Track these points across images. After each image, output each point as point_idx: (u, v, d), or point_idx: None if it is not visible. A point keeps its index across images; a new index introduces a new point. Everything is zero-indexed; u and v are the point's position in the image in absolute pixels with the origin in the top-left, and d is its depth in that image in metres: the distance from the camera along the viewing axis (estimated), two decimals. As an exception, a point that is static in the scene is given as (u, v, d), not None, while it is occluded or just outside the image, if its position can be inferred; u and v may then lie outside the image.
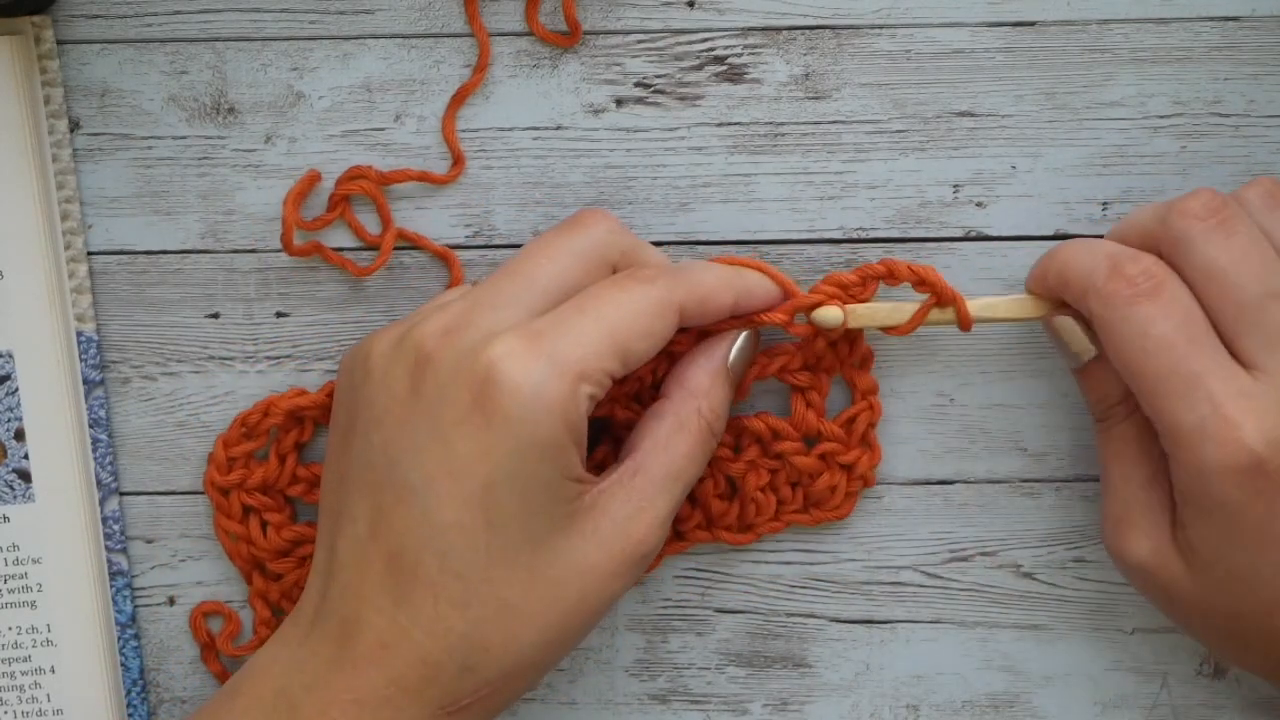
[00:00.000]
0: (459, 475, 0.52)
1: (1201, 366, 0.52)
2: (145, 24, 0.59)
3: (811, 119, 0.59)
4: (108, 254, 0.60)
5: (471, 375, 0.51)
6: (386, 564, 0.52)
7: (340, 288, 0.60)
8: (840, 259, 0.60)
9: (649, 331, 0.53)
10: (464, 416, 0.51)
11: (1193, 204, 0.54)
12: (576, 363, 0.52)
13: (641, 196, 0.60)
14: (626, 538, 0.54)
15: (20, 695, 0.60)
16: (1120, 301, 0.53)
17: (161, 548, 0.61)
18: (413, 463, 0.52)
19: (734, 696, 0.62)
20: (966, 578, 0.61)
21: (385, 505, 0.53)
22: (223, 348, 0.60)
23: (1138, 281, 0.53)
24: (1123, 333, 0.53)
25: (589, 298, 0.53)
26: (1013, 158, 0.59)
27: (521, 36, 0.59)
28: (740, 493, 0.60)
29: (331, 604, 0.53)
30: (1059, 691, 0.61)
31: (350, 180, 0.59)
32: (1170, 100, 0.59)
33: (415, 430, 0.52)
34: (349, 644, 0.52)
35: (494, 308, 0.53)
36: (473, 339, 0.52)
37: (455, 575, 0.52)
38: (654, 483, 0.55)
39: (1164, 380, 0.52)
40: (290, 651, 0.54)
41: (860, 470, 0.59)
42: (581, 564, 0.53)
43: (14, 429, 0.59)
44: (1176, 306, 0.53)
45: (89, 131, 0.59)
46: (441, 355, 0.52)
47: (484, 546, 0.52)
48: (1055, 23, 0.59)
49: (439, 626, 0.52)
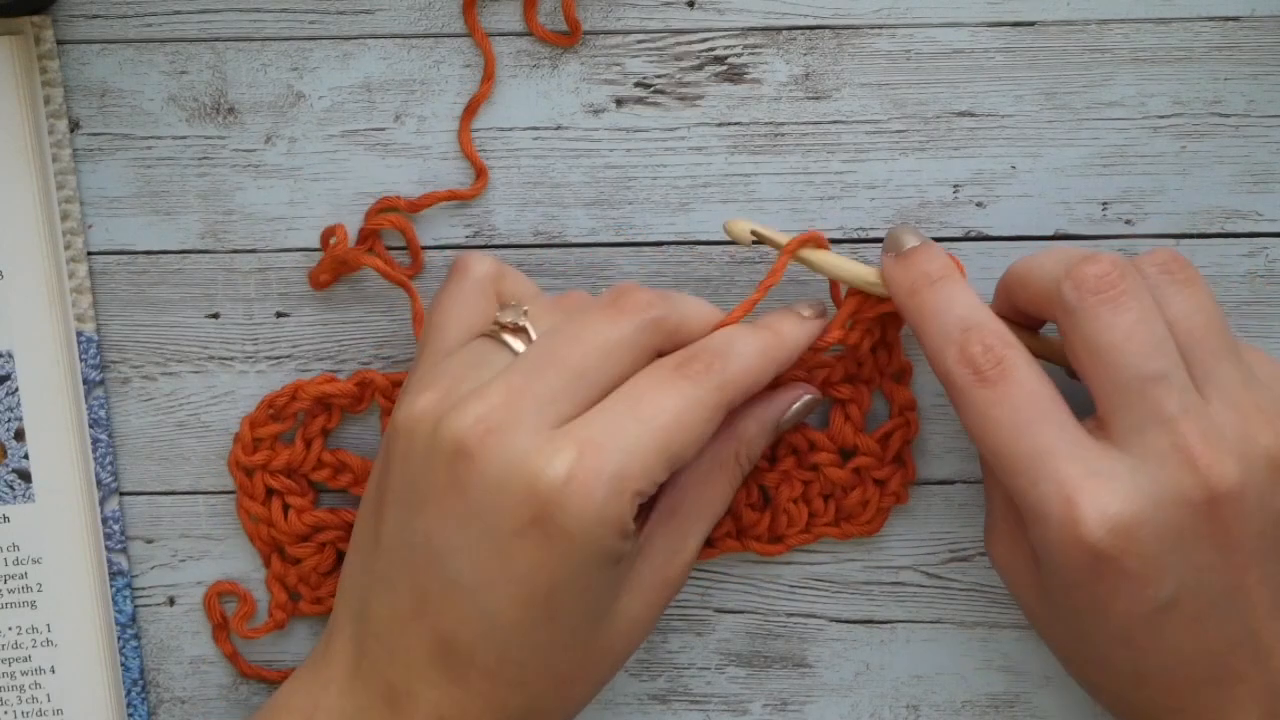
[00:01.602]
0: (520, 582, 0.51)
1: (1048, 445, 0.51)
2: (145, 24, 0.59)
3: (811, 119, 0.59)
4: (108, 254, 0.60)
5: (528, 488, 0.51)
6: (435, 644, 0.52)
7: (340, 288, 0.60)
8: (840, 259, 0.60)
9: (700, 437, 0.53)
10: (523, 530, 0.51)
11: (1088, 274, 0.52)
12: (636, 480, 0.51)
13: (641, 196, 0.60)
14: (665, 583, 0.56)
15: (20, 695, 0.60)
16: (966, 385, 0.52)
17: (161, 548, 0.61)
18: (463, 562, 0.52)
19: (734, 696, 0.62)
20: (966, 578, 0.61)
21: (431, 592, 0.52)
22: (223, 348, 0.60)
23: (983, 368, 0.52)
24: (969, 416, 0.53)
25: (642, 402, 0.52)
26: (1013, 158, 0.59)
27: (521, 36, 0.59)
28: (773, 503, 0.60)
29: (374, 665, 0.53)
30: (1059, 691, 0.61)
31: (379, 214, 0.59)
32: (1170, 100, 0.59)
33: (463, 531, 0.52)
34: (402, 710, 0.53)
35: (539, 404, 0.52)
36: (523, 444, 0.51)
37: (515, 664, 0.52)
38: (690, 521, 0.56)
39: (1007, 459, 0.52)
40: (334, 701, 0.54)
41: (893, 487, 0.60)
42: (629, 622, 0.55)
43: (14, 429, 0.59)
44: (1019, 389, 0.52)
45: (89, 131, 0.59)
46: (488, 457, 0.51)
47: (545, 641, 0.52)
48: (1055, 23, 0.59)
49: (497, 704, 0.53)
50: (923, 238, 0.55)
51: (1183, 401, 0.51)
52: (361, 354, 0.60)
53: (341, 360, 0.60)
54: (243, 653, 0.61)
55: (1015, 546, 0.55)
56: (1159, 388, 0.51)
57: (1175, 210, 0.59)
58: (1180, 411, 0.51)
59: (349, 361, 0.60)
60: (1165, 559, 0.51)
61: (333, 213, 0.59)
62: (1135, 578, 0.51)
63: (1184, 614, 0.52)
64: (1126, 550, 0.50)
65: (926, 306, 0.54)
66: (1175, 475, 0.51)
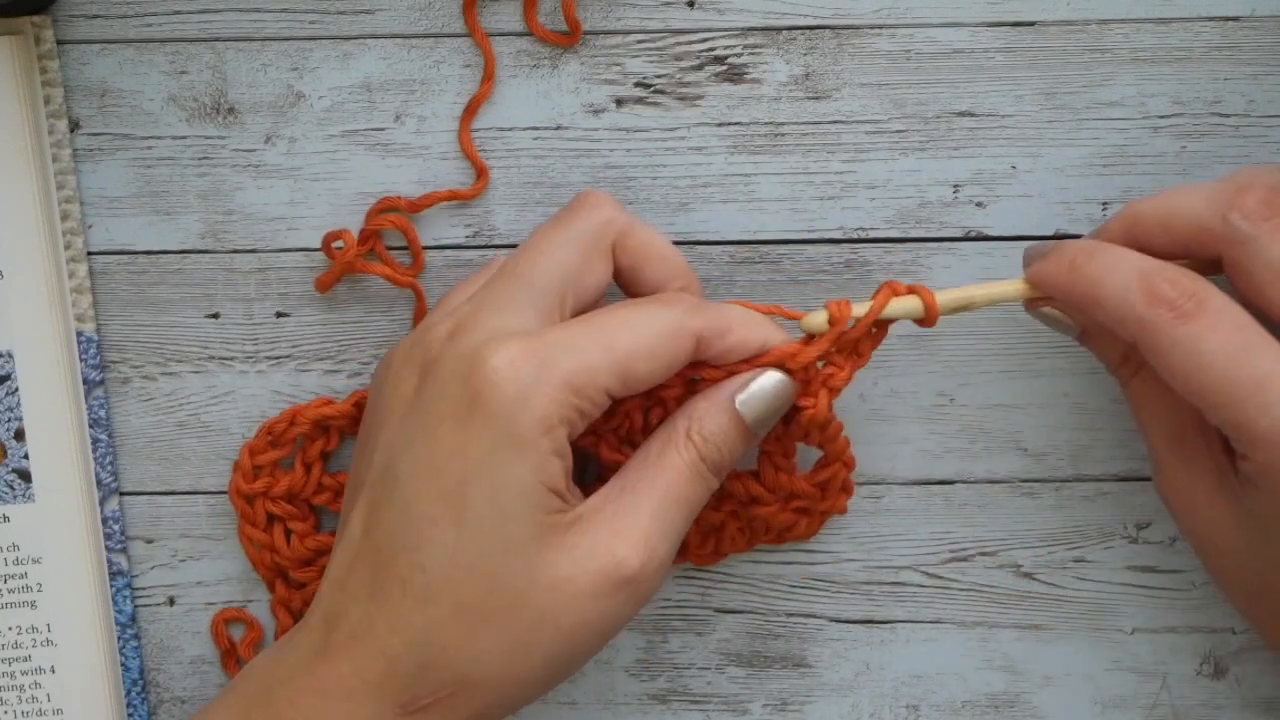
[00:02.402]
0: (438, 470, 0.51)
1: (1269, 367, 0.51)
2: (145, 24, 0.59)
3: (811, 119, 0.59)
4: (108, 254, 0.60)
5: (466, 375, 0.51)
6: (371, 559, 0.52)
7: (340, 288, 0.60)
8: (840, 259, 0.60)
9: (655, 352, 0.52)
10: (453, 413, 0.51)
11: (1249, 202, 0.52)
12: (569, 373, 0.51)
13: (641, 196, 0.60)
14: (607, 556, 0.52)
15: (20, 695, 0.60)
16: (1164, 325, 0.52)
17: (161, 548, 0.61)
18: (402, 458, 0.52)
19: (734, 696, 0.62)
20: (966, 578, 0.61)
21: (377, 501, 0.53)
22: (223, 348, 0.60)
23: (1179, 303, 0.52)
24: (1173, 355, 0.52)
25: (600, 314, 0.53)
26: (1013, 158, 0.59)
27: (521, 36, 0.59)
28: (718, 535, 0.60)
29: (321, 601, 0.54)
30: (1059, 691, 0.61)
31: (380, 214, 0.59)
32: (1170, 100, 0.59)
33: (410, 427, 0.52)
34: (327, 637, 0.53)
35: (495, 309, 0.53)
36: (474, 341, 0.52)
37: (420, 569, 0.51)
38: (637, 502, 0.53)
39: (1228, 389, 0.51)
40: (279, 648, 0.54)
41: (836, 509, 0.60)
42: (552, 578, 0.51)
43: (14, 429, 0.59)
44: (1224, 318, 0.52)
45: (89, 131, 0.59)
46: (444, 357, 0.52)
47: (451, 544, 0.51)
48: (1055, 23, 0.59)
49: (401, 620, 0.52)
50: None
51: None
52: (361, 354, 0.60)
53: (341, 360, 0.60)
54: (243, 655, 0.61)
55: (1199, 482, 0.55)
56: None
57: (1175, 210, 0.60)
58: None
59: (349, 361, 0.60)
60: None
61: (333, 212, 0.60)
62: None
63: None
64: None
65: (1094, 271, 0.53)
66: None
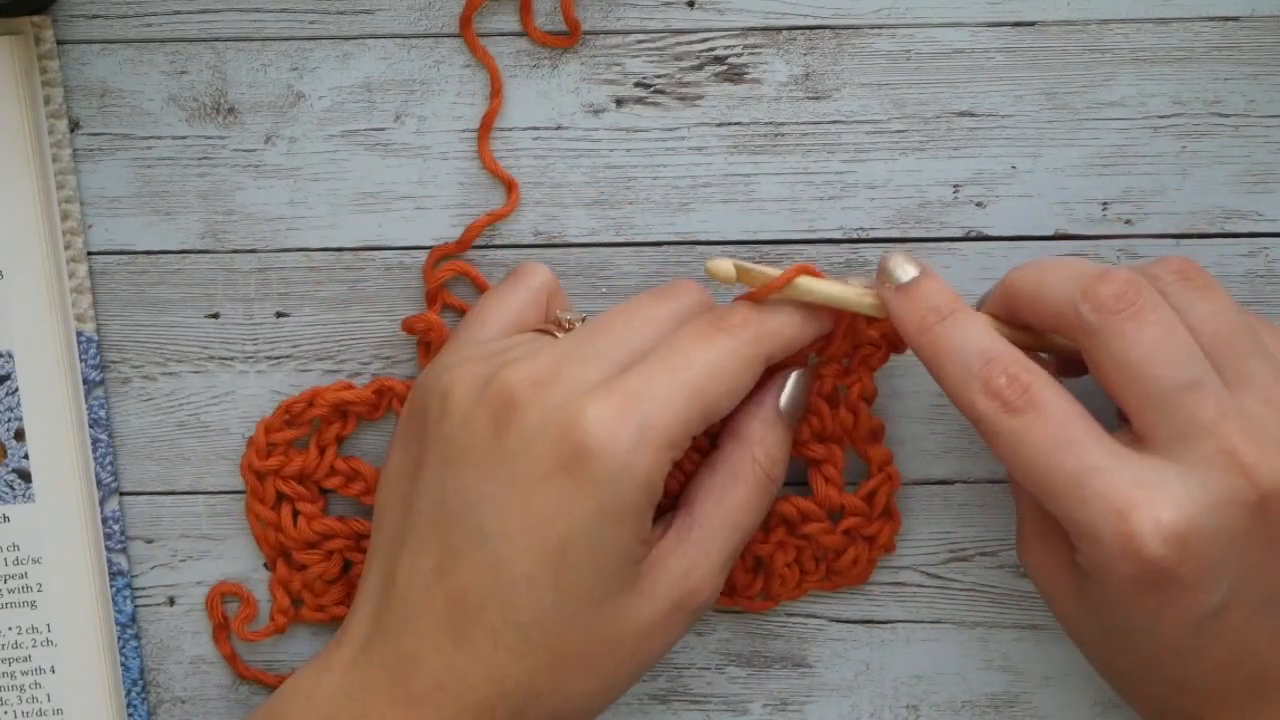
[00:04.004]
0: (536, 531, 0.51)
1: (1091, 462, 0.51)
2: (145, 24, 0.59)
3: (811, 119, 0.59)
4: (108, 254, 0.60)
5: (560, 433, 0.51)
6: (450, 605, 0.52)
7: (340, 288, 0.60)
8: (840, 259, 0.60)
9: (735, 389, 0.53)
10: (549, 474, 0.51)
11: (1104, 292, 0.52)
12: (666, 430, 0.51)
13: (641, 196, 0.60)
14: (682, 592, 0.54)
15: (20, 695, 0.60)
16: (994, 417, 0.52)
17: (161, 548, 0.61)
18: (489, 511, 0.52)
19: (734, 696, 0.62)
20: (966, 578, 0.61)
21: (457, 547, 0.52)
22: (223, 348, 0.60)
23: (1008, 397, 0.52)
24: (1001, 447, 0.52)
25: (676, 353, 0.53)
26: (1013, 158, 0.59)
27: (521, 36, 0.59)
28: (766, 569, 0.60)
29: (388, 635, 0.53)
30: (1059, 691, 0.61)
31: (437, 266, 0.59)
32: (1170, 100, 0.59)
33: (494, 479, 0.52)
34: (404, 680, 0.52)
35: (584, 363, 0.53)
36: (563, 395, 0.52)
37: (517, 626, 0.52)
38: (710, 536, 0.54)
39: (1050, 483, 0.51)
40: (338, 677, 0.53)
41: (882, 540, 0.60)
42: (638, 623, 0.53)
43: (14, 429, 0.59)
44: (1053, 411, 0.51)
45: (89, 131, 0.59)
46: (529, 408, 0.52)
47: (549, 603, 0.52)
48: (1055, 23, 0.59)
49: (495, 672, 0.52)
50: (920, 264, 0.54)
51: (1220, 405, 0.51)
52: (361, 354, 0.60)
53: (341, 360, 0.60)
54: (242, 655, 0.61)
55: (1049, 557, 0.55)
56: (1195, 394, 0.51)
57: (1175, 210, 0.60)
58: (1219, 415, 0.51)
59: (349, 361, 0.60)
60: (1218, 564, 0.50)
61: (332, 212, 0.60)
62: (1189, 586, 0.50)
63: (1233, 617, 0.51)
64: (1182, 560, 0.50)
65: (941, 344, 0.53)
66: (1223, 478, 0.50)
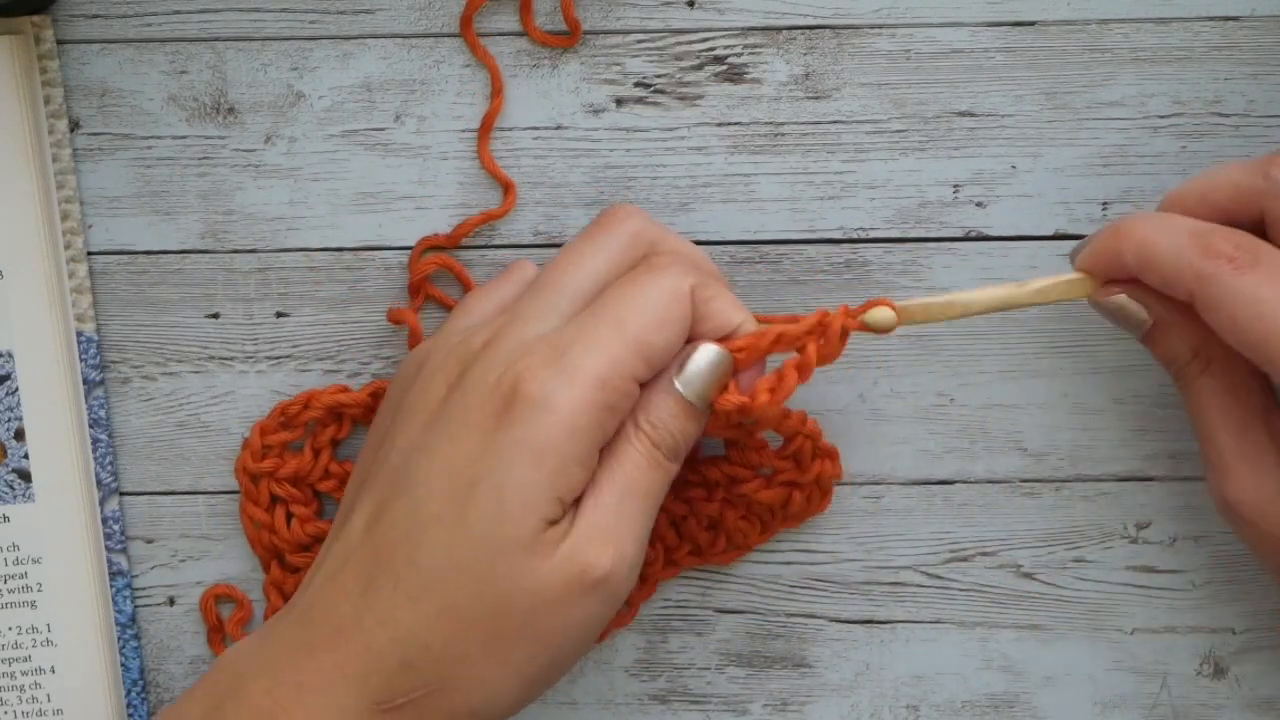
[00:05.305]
0: (454, 473, 0.52)
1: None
2: (145, 24, 0.59)
3: (811, 119, 0.59)
4: (108, 254, 0.60)
5: (495, 383, 0.52)
6: (370, 557, 0.53)
7: (340, 288, 0.60)
8: (840, 259, 0.60)
9: (665, 320, 0.53)
10: (480, 422, 0.52)
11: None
12: (593, 371, 0.52)
13: (641, 196, 0.60)
14: (578, 560, 0.52)
15: (20, 695, 0.60)
16: (1223, 276, 0.52)
17: (161, 548, 0.61)
18: (420, 460, 0.53)
19: (734, 696, 0.62)
20: (966, 578, 0.61)
21: (386, 501, 0.53)
22: (223, 348, 0.60)
23: (1235, 255, 0.52)
24: (1233, 305, 0.52)
25: (605, 301, 0.54)
26: (1013, 158, 0.59)
27: (521, 36, 0.59)
28: (723, 525, 0.60)
29: (306, 592, 0.54)
30: (1059, 691, 0.61)
31: (423, 256, 0.59)
32: (1170, 100, 0.59)
33: (432, 431, 0.53)
34: (311, 629, 0.53)
35: (527, 321, 0.54)
36: (504, 352, 0.53)
37: (417, 569, 0.52)
38: (601, 503, 0.53)
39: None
40: (255, 640, 0.54)
41: (827, 474, 0.59)
42: (533, 584, 0.52)
43: (14, 429, 0.59)
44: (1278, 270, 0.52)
45: (89, 131, 0.59)
46: (474, 367, 0.53)
47: (447, 543, 0.52)
48: (1055, 23, 0.59)
49: (389, 615, 0.52)
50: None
51: None
52: (361, 354, 0.60)
53: (341, 360, 0.60)
54: (242, 653, 0.61)
55: (1260, 485, 0.55)
56: None
57: (1175, 210, 0.60)
58: None
59: (349, 361, 0.60)
60: None
61: (332, 212, 0.60)
62: None
63: None
64: None
65: (1143, 232, 0.54)
66: None
